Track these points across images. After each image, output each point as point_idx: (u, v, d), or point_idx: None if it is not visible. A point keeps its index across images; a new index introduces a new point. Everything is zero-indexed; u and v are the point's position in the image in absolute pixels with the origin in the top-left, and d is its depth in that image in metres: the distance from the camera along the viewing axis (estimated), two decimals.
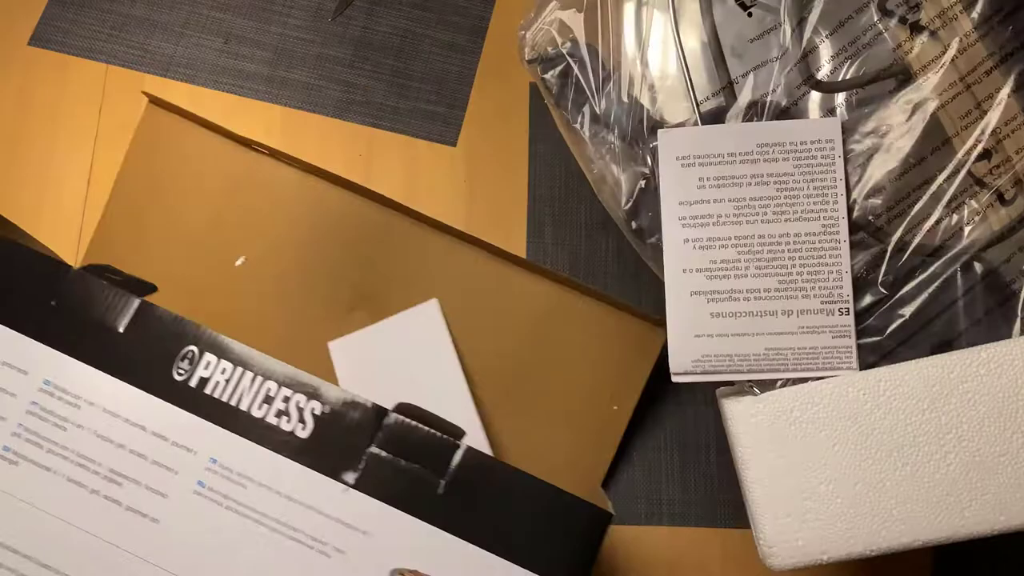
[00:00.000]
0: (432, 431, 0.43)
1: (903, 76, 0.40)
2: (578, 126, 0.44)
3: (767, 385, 0.41)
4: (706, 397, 0.59)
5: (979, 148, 0.40)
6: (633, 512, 0.57)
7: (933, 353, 0.40)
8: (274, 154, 0.60)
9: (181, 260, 0.59)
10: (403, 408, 0.44)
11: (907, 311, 0.40)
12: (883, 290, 0.40)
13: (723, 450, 0.58)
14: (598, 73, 0.43)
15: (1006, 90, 0.40)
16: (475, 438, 0.53)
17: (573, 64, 0.44)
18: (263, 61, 0.65)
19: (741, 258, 0.41)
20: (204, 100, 0.64)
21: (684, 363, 0.42)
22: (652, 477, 0.58)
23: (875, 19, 0.40)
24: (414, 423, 0.43)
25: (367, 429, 0.43)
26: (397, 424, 0.43)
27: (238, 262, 0.59)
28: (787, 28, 0.40)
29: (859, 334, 0.40)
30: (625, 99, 0.43)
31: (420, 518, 0.42)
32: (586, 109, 0.44)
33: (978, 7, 0.40)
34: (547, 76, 0.45)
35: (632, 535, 0.57)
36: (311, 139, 0.64)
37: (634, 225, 0.43)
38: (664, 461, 0.58)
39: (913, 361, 0.39)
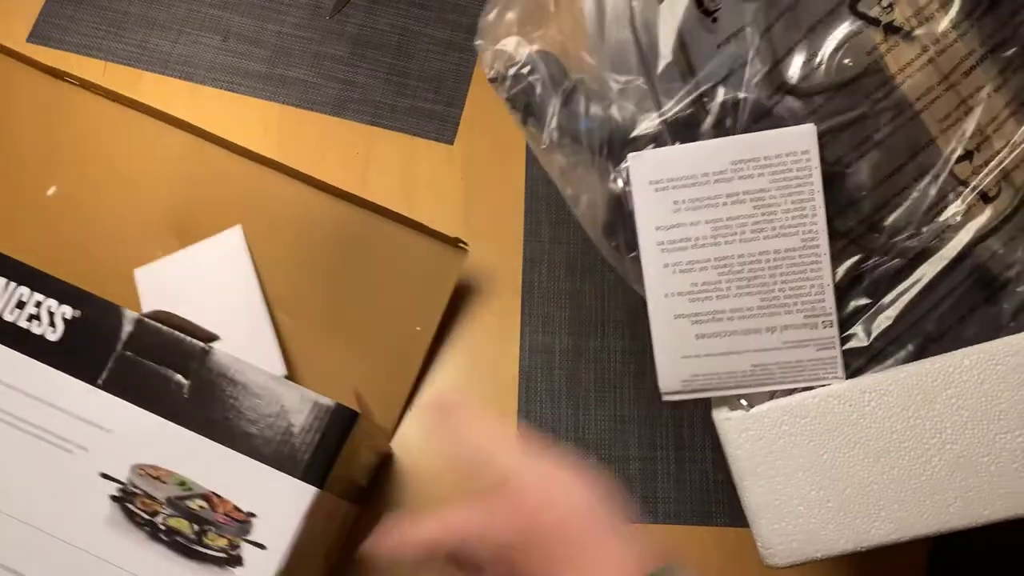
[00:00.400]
0: (181, 336, 0.45)
1: (880, 79, 0.40)
2: (546, 145, 0.43)
3: (757, 398, 0.42)
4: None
5: (960, 149, 0.39)
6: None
7: (920, 352, 0.40)
8: (85, 85, 0.61)
9: None
10: (156, 314, 0.45)
11: (892, 314, 0.40)
12: (867, 298, 0.41)
13: (718, 447, 0.58)
14: (560, 84, 0.43)
15: (988, 88, 0.40)
16: (271, 360, 0.55)
17: (535, 81, 0.43)
18: (261, 59, 0.65)
19: (722, 279, 0.41)
20: (202, 97, 0.64)
21: (673, 383, 0.42)
22: (647, 475, 0.58)
23: (847, 21, 0.40)
24: (165, 328, 0.45)
25: (117, 332, 0.45)
26: (148, 328, 0.45)
27: (49, 192, 0.60)
28: (755, 34, 0.40)
29: (845, 340, 0.41)
30: (592, 111, 0.42)
31: (165, 417, 0.43)
32: (553, 124, 0.43)
33: (955, 5, 0.39)
34: (510, 95, 0.44)
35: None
36: (309, 137, 0.64)
37: (612, 243, 0.43)
38: (660, 459, 0.58)
39: (895, 369, 0.40)
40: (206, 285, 0.57)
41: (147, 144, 0.61)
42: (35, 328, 0.45)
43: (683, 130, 0.40)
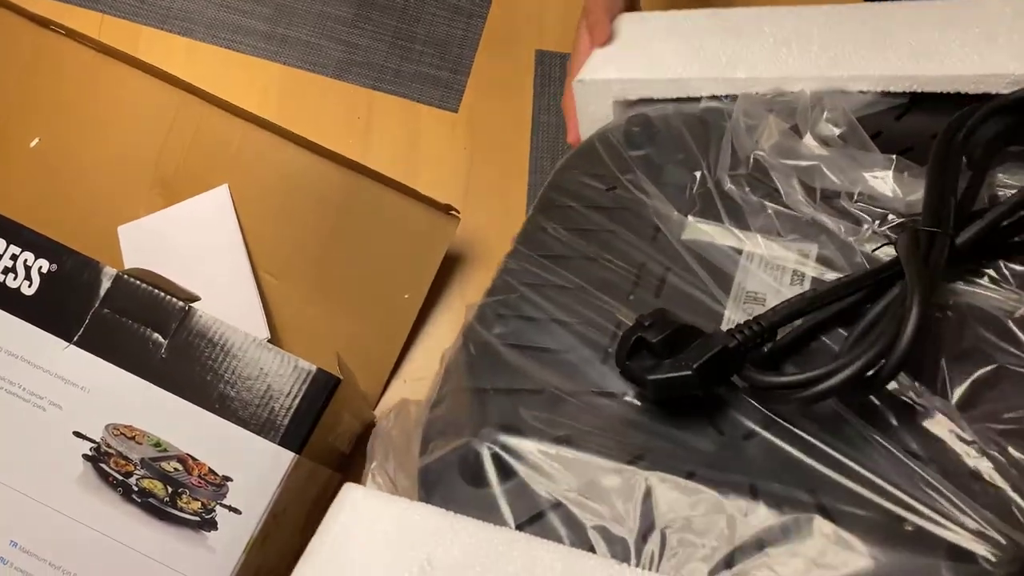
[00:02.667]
0: (161, 294, 0.43)
1: None
2: None
3: None
4: None
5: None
6: None
7: None
8: (72, 35, 0.60)
9: None
10: (135, 272, 0.44)
11: None
12: None
13: None
14: None
15: None
16: (254, 323, 0.54)
17: None
18: (263, 17, 0.64)
19: None
20: (201, 54, 0.63)
21: None
22: None
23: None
24: (144, 285, 0.43)
25: (95, 288, 0.43)
26: (127, 285, 0.43)
27: (32, 143, 0.59)
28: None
29: None
30: None
31: (141, 377, 0.42)
32: None
33: None
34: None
35: None
36: (310, 99, 0.62)
37: None
38: None
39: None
40: (190, 244, 0.56)
41: (135, 99, 0.60)
42: (10, 281, 0.43)
43: None
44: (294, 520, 0.47)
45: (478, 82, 0.64)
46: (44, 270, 0.44)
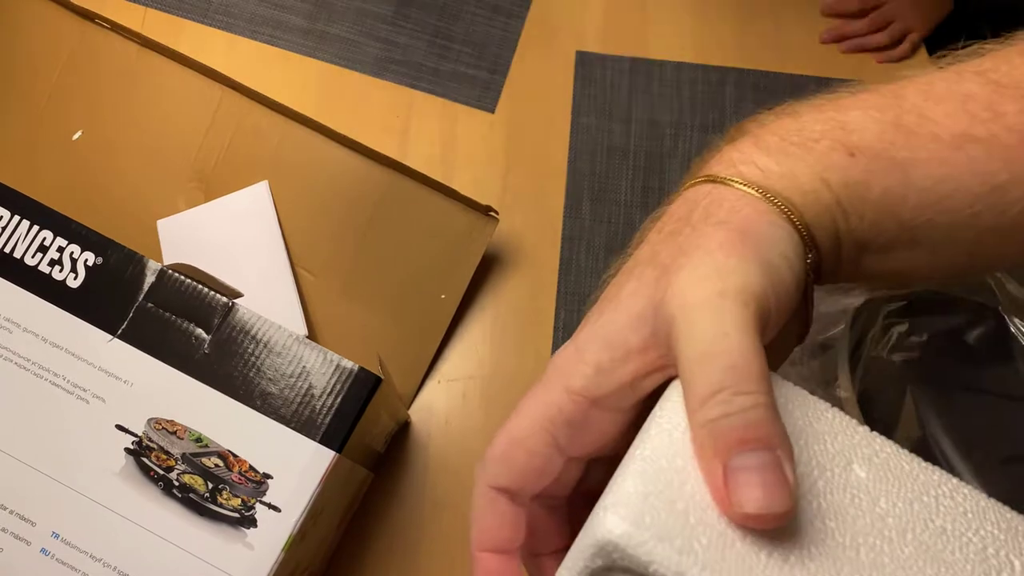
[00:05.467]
0: (204, 289, 0.43)
1: None
2: None
3: None
4: None
5: None
6: None
7: None
8: (116, 28, 0.60)
9: (19, 132, 0.59)
10: (179, 267, 0.44)
11: None
12: None
13: None
14: None
15: None
16: (292, 319, 0.54)
17: None
18: (302, 13, 0.64)
19: None
20: (241, 49, 0.63)
21: None
22: None
23: None
24: (188, 280, 0.43)
25: (139, 282, 0.43)
26: (171, 280, 0.43)
27: (75, 136, 0.59)
28: None
29: None
30: None
31: (184, 371, 0.42)
32: None
33: None
34: None
35: None
36: (348, 97, 0.62)
37: None
38: None
39: None
40: (229, 239, 0.56)
41: (177, 93, 0.60)
42: (56, 273, 0.43)
43: None
44: (331, 518, 0.47)
45: (516, 82, 0.63)
46: (90, 263, 0.44)
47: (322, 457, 0.41)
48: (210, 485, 0.41)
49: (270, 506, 0.41)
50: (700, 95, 0.64)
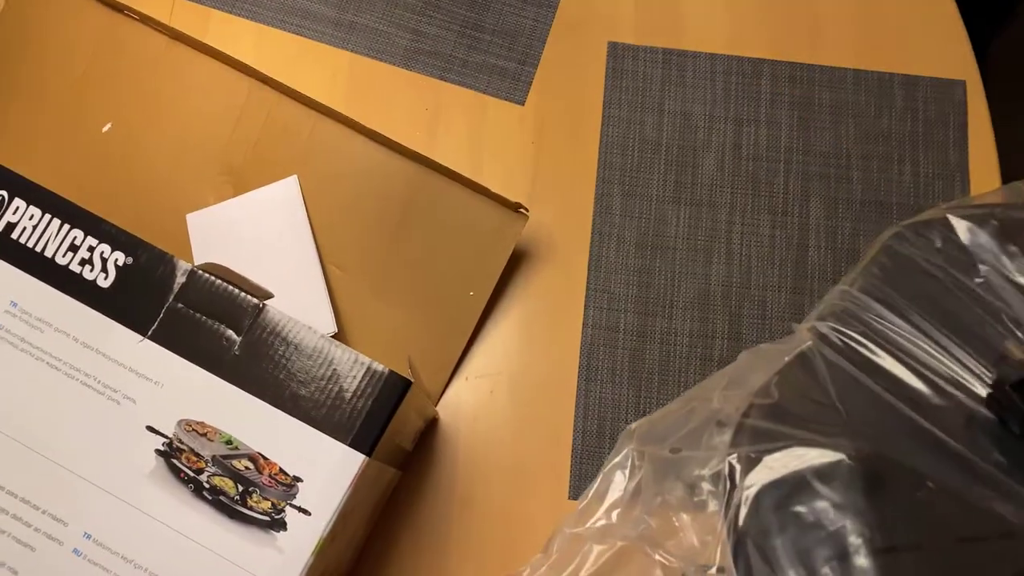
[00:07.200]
0: (234, 290, 0.43)
1: None
2: None
3: None
4: None
5: None
6: None
7: None
8: (145, 20, 0.59)
9: (48, 124, 0.59)
10: (210, 267, 0.44)
11: None
12: None
13: None
14: None
15: None
16: (322, 316, 0.53)
17: None
18: (331, 3, 0.63)
19: None
20: (269, 39, 0.62)
21: None
22: None
23: None
24: (219, 281, 0.43)
25: (169, 283, 0.43)
26: (201, 281, 0.43)
27: (104, 128, 0.58)
28: None
29: None
30: None
31: (214, 373, 0.42)
32: None
33: None
34: None
35: None
36: (377, 89, 0.61)
37: None
38: None
39: None
40: (258, 234, 0.55)
41: (206, 86, 0.59)
42: (87, 273, 0.43)
43: None
44: (360, 518, 0.47)
45: (546, 74, 0.62)
46: (120, 263, 0.43)
47: (352, 460, 0.41)
48: (240, 487, 0.41)
49: (300, 509, 0.41)
50: (734, 87, 0.62)
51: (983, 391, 0.36)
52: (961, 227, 0.41)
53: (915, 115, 0.61)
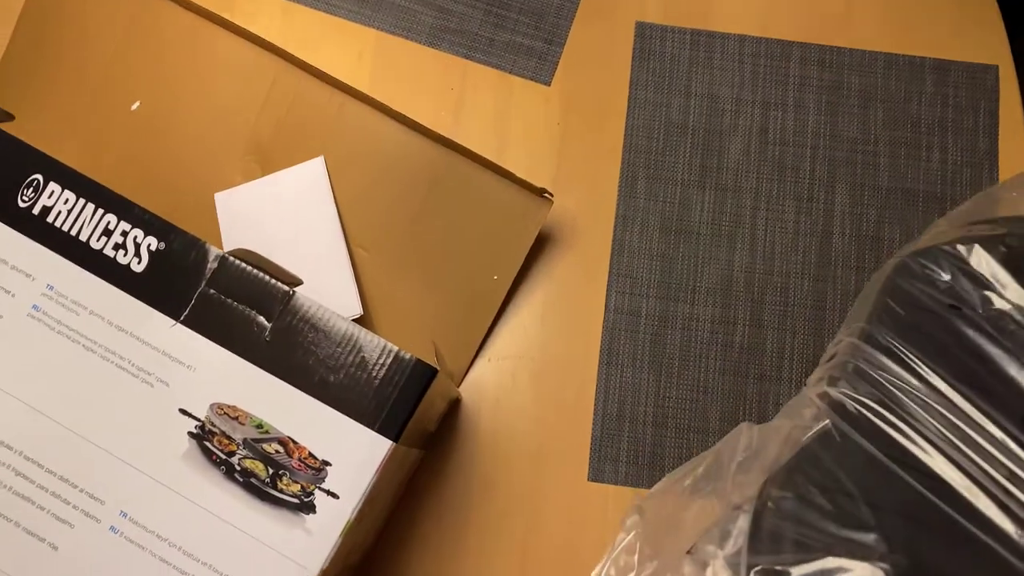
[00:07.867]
0: (265, 276, 0.44)
1: None
2: None
3: None
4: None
5: None
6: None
7: None
8: None
9: (78, 101, 0.59)
10: (240, 253, 0.44)
11: None
12: None
13: None
14: None
15: None
16: (347, 297, 0.54)
17: None
18: None
19: None
20: (297, 15, 0.62)
21: None
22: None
23: None
24: (249, 267, 0.44)
25: (201, 268, 0.44)
26: (232, 267, 0.44)
27: (134, 106, 0.59)
28: None
29: None
30: None
31: (245, 358, 0.43)
32: None
33: None
34: None
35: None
36: (403, 68, 0.61)
37: None
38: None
39: None
40: (286, 214, 0.56)
41: (235, 65, 0.59)
42: (121, 258, 0.44)
43: None
44: (384, 501, 0.48)
45: (573, 54, 0.62)
46: (153, 248, 0.44)
47: (379, 446, 0.42)
48: (271, 470, 0.42)
49: (329, 492, 0.42)
50: (762, 70, 0.62)
51: (1013, 466, 0.36)
52: (970, 257, 0.40)
53: (945, 101, 0.61)
